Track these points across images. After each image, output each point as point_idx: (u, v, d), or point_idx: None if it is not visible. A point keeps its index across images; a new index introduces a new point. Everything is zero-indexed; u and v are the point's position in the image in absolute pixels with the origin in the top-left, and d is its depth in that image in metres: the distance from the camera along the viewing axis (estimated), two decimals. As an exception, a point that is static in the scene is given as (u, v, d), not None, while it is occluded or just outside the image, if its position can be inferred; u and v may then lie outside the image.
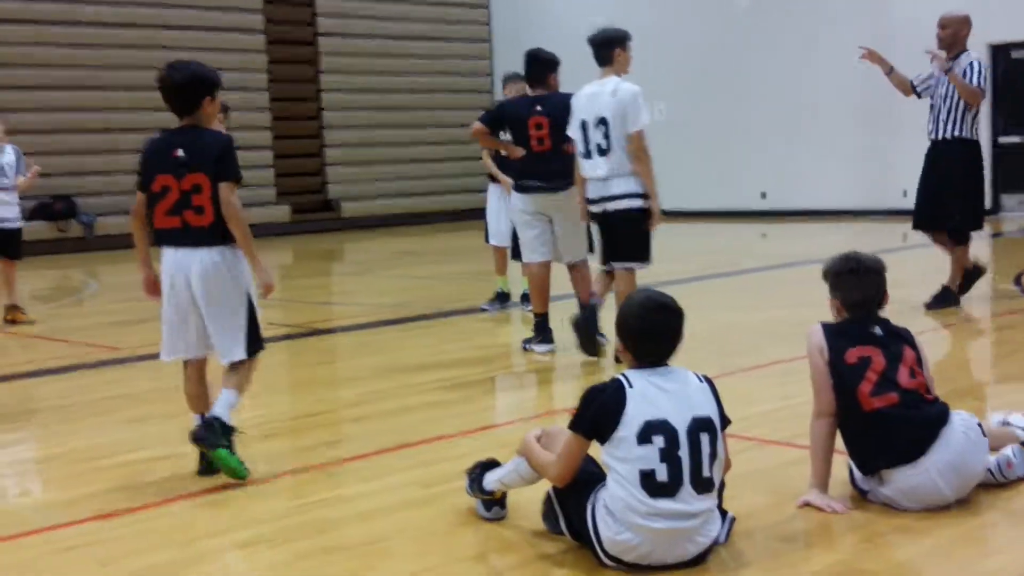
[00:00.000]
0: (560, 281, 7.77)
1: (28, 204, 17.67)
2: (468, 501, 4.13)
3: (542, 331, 7.53)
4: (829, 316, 4.24)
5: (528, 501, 3.98)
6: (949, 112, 8.31)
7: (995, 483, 4.11)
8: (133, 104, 18.75)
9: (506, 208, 9.24)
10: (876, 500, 4.01)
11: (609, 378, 3.59)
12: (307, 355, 8.34)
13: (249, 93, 19.83)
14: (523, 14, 22.80)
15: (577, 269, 7.53)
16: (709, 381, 3.63)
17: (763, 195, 19.04)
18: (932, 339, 7.27)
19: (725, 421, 3.60)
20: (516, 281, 9.51)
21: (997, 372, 6.78)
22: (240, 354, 4.77)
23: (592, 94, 6.84)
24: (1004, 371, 6.72)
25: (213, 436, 4.61)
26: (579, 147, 6.88)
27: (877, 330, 4.08)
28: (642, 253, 6.89)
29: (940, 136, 8.39)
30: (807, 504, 4.00)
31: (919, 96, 8.61)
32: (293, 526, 4.14)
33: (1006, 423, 4.43)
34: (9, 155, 9.65)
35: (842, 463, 4.15)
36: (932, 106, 8.46)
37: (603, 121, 6.73)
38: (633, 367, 3.60)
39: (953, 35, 8.36)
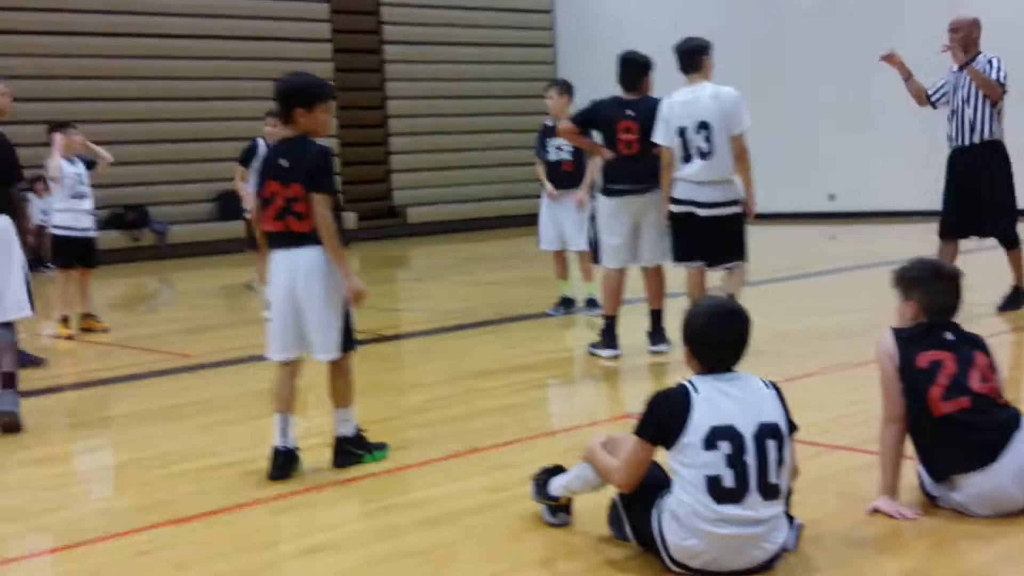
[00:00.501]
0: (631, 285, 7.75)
1: (102, 214, 18.06)
2: (534, 506, 4.15)
3: (609, 336, 7.51)
4: (892, 318, 4.19)
5: (594, 507, 3.99)
6: (974, 115, 8.17)
7: None
8: (202, 114, 19.09)
9: (555, 214, 9.33)
10: (946, 506, 3.96)
11: (675, 383, 3.59)
12: (373, 361, 8.40)
13: (316, 102, 20.04)
14: (586, 19, 22.79)
15: (655, 272, 7.53)
16: (776, 387, 3.61)
17: (831, 197, 18.82)
18: (1003, 342, 7.14)
19: (792, 427, 3.58)
20: (579, 286, 9.52)
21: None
22: (335, 352, 4.94)
23: (688, 100, 7.01)
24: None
25: (350, 456, 5.00)
26: (677, 152, 7.04)
27: (948, 335, 4.04)
28: (744, 251, 7.26)
29: (966, 142, 8.25)
30: (876, 510, 3.96)
31: (934, 106, 8.59)
32: (362, 531, 4.19)
33: None
34: (80, 165, 9.85)
35: (911, 469, 4.10)
36: (953, 113, 8.32)
37: (705, 125, 6.94)
38: (699, 373, 3.59)
39: (965, 38, 8.31)
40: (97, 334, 9.80)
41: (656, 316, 7.52)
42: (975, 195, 8.23)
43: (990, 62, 8.21)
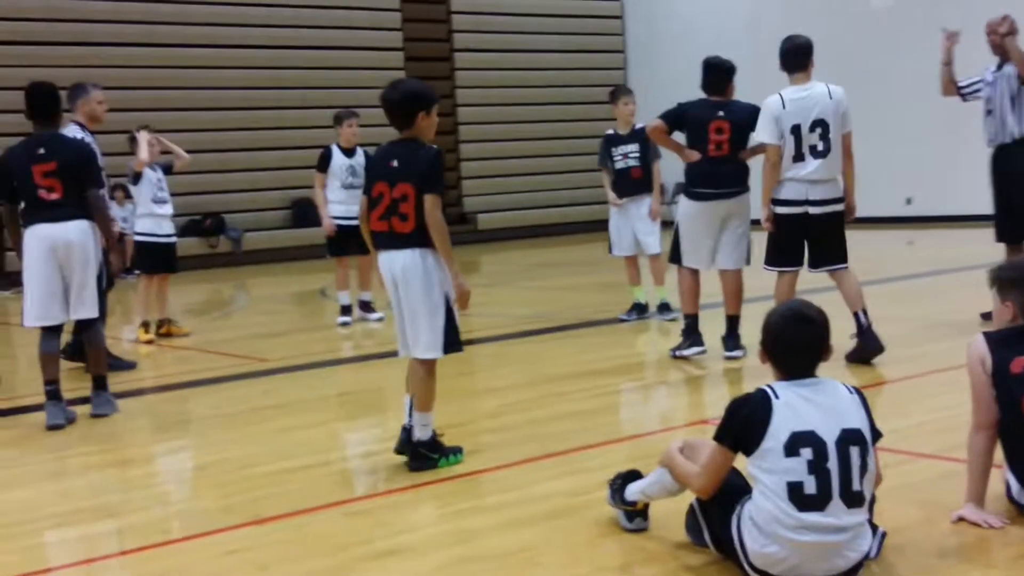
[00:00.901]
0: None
1: (180, 221, 18.37)
2: (611, 511, 4.14)
3: (692, 334, 7.54)
4: (976, 322, 4.11)
5: (671, 513, 3.97)
6: (1013, 110, 8.01)
7: None
8: (276, 123, 19.35)
9: (626, 221, 9.31)
10: (1039, 515, 3.88)
11: (755, 388, 3.56)
12: (448, 366, 8.35)
13: (388, 109, 20.22)
14: (657, 25, 22.71)
15: (734, 276, 7.49)
16: (859, 392, 3.55)
17: (908, 201, 18.53)
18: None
19: (876, 434, 3.52)
20: (652, 291, 9.48)
21: None
22: (435, 352, 5.04)
23: (801, 98, 6.96)
24: None
25: (426, 460, 5.05)
26: (788, 150, 6.94)
27: None
28: (847, 253, 7.16)
29: (1009, 139, 8.07)
30: (962, 519, 3.89)
31: (964, 99, 8.52)
32: (438, 535, 4.21)
33: None
34: (160, 171, 10.01)
35: (998, 477, 4.02)
36: (989, 111, 8.19)
37: (821, 123, 6.91)
38: (779, 379, 3.55)
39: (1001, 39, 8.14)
40: (177, 339, 9.97)
41: (732, 321, 7.47)
42: (1020, 194, 8.05)
43: None
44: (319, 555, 4.06)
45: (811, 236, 7.05)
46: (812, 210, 6.99)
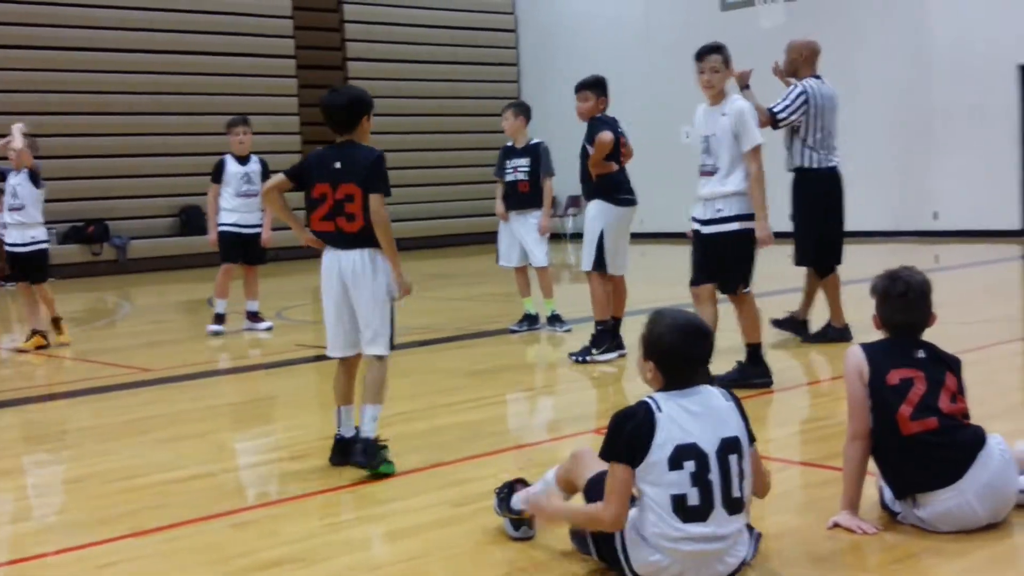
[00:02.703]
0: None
1: (62, 228, 17.94)
2: (497, 520, 4.15)
3: (607, 339, 7.88)
4: (858, 333, 4.23)
5: (557, 521, 3.99)
6: (788, 142, 8.18)
7: None
8: (164, 129, 19.01)
9: (513, 233, 9.39)
10: (907, 522, 3.99)
11: (636, 402, 3.56)
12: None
13: (279, 118, 20.04)
14: (550, 37, 22.91)
15: (623, 280, 8.04)
16: (735, 398, 3.60)
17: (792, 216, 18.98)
18: (966, 360, 7.22)
19: (751, 438, 3.58)
20: (541, 303, 9.54)
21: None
22: (388, 348, 5.15)
23: (708, 111, 6.78)
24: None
25: (375, 456, 5.01)
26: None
27: (921, 353, 4.03)
28: None
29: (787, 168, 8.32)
30: (837, 525, 3.99)
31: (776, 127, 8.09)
32: (323, 545, 4.16)
33: None
34: (18, 176, 9.64)
35: (872, 484, 4.14)
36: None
37: (711, 138, 6.74)
38: (660, 389, 3.56)
39: (794, 61, 8.29)
40: (54, 348, 9.69)
41: (618, 324, 7.98)
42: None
43: (796, 90, 8.04)
44: (201, 567, 3.98)
45: (717, 252, 6.81)
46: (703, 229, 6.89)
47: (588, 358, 7.79)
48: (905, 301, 4.05)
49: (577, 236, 21.42)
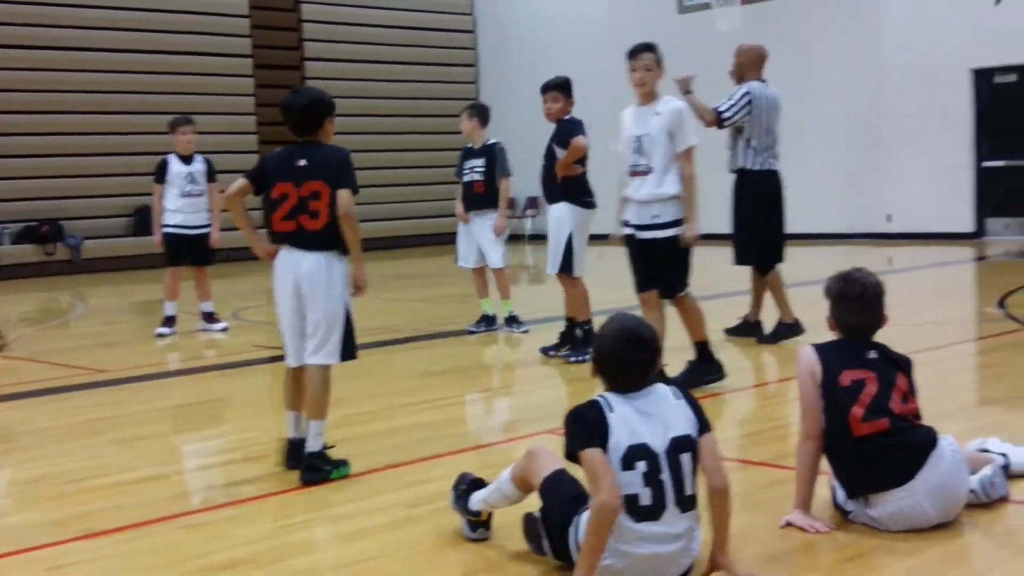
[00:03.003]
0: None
1: (15, 228, 17.72)
2: (453, 521, 4.15)
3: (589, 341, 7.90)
4: (810, 334, 4.27)
5: (514, 522, 3.99)
6: (731, 144, 8.38)
7: (978, 503, 4.13)
8: (119, 128, 18.83)
9: (471, 234, 9.38)
10: (858, 521, 4.03)
11: (587, 400, 3.56)
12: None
13: (236, 117, 19.91)
14: (509, 38, 22.94)
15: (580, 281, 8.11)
16: (685, 395, 3.60)
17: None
18: (918, 361, 7.30)
19: (705, 427, 3.57)
20: (499, 304, 9.55)
21: (980, 395, 6.82)
22: (333, 359, 5.11)
23: (638, 110, 6.65)
24: (987, 394, 6.76)
25: (319, 472, 4.96)
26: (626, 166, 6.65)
27: (872, 354, 4.07)
28: None
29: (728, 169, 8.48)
30: (790, 524, 4.02)
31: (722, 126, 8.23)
32: (278, 547, 4.14)
33: (984, 450, 4.46)
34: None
35: (824, 483, 4.18)
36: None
37: (642, 139, 6.55)
38: (610, 390, 3.57)
39: (741, 65, 8.50)
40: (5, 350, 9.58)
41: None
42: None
43: (741, 90, 8.20)
44: (154, 569, 3.95)
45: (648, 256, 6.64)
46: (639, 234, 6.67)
47: (582, 358, 7.72)
48: (861, 303, 4.08)
49: (536, 238, 21.54)
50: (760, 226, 8.32)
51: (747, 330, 8.48)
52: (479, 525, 4.06)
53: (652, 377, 3.60)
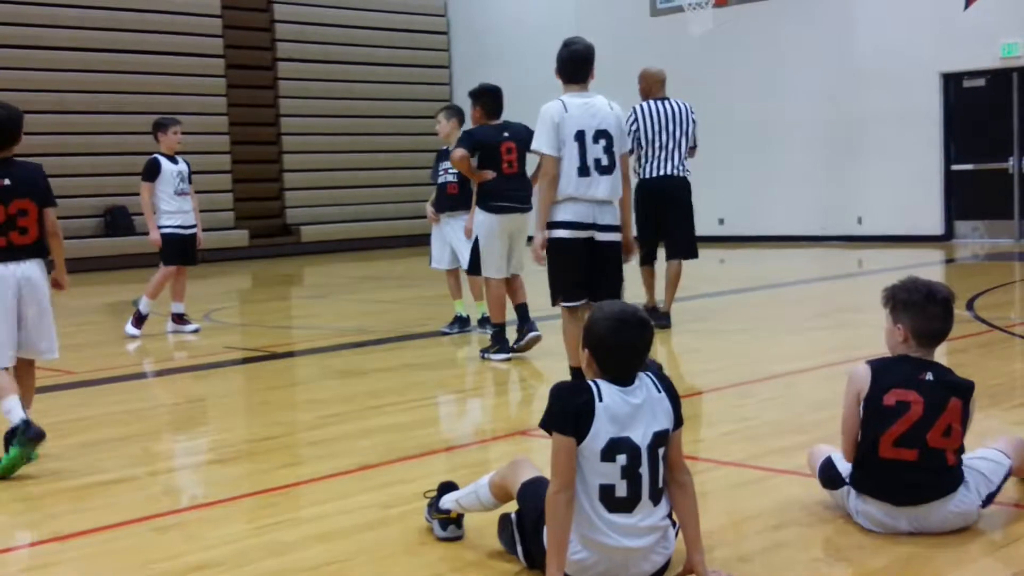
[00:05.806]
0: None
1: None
2: (427, 523, 4.14)
3: (500, 340, 8.13)
4: (791, 343, 4.28)
5: (486, 522, 3.99)
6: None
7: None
8: (89, 127, 18.67)
9: (444, 235, 9.41)
10: (837, 500, 4.07)
11: (580, 382, 3.50)
12: (266, 378, 8.31)
13: (208, 117, 19.80)
14: (482, 40, 22.93)
15: (519, 279, 8.31)
16: (666, 387, 3.55)
17: (720, 221, 19.21)
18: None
19: (680, 422, 3.55)
20: (473, 305, 9.55)
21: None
22: (56, 354, 5.68)
23: (584, 103, 6.13)
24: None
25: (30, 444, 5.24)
26: (571, 162, 6.06)
27: (929, 375, 3.93)
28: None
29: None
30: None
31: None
32: (249, 549, 4.12)
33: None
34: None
35: (796, 481, 4.19)
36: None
37: (605, 135, 6.09)
38: (600, 377, 3.52)
39: (642, 89, 9.52)
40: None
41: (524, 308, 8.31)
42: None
43: (630, 117, 9.06)
44: (123, 571, 3.92)
45: (596, 265, 6.17)
46: (599, 236, 6.15)
47: (487, 355, 8.14)
48: (946, 308, 3.98)
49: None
50: (641, 226, 9.16)
51: (654, 319, 8.77)
52: (450, 523, 4.03)
53: (641, 362, 3.55)
